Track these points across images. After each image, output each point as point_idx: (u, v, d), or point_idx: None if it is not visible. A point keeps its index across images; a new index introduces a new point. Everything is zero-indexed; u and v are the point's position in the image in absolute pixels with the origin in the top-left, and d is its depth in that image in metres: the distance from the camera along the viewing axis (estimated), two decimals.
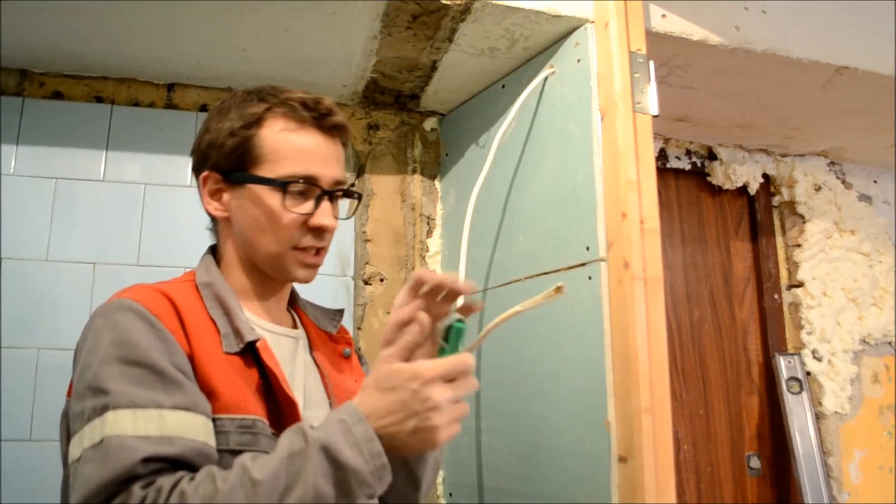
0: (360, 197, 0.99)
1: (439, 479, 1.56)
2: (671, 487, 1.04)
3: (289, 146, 0.86)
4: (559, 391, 1.22)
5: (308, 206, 0.87)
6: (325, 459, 0.67)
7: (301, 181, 0.86)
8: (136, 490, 0.66)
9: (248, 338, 0.83)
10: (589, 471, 1.12)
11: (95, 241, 1.45)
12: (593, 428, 1.13)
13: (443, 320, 0.80)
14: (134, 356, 0.72)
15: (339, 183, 0.90)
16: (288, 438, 0.70)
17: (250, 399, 0.80)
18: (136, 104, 1.55)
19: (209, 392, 0.77)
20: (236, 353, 0.82)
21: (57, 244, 1.43)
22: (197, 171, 0.92)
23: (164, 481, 0.66)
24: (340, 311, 1.05)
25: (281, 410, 0.82)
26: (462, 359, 0.73)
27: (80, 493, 0.66)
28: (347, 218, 0.98)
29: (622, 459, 1.07)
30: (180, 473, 0.68)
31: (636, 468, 1.04)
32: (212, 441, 0.74)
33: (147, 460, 0.67)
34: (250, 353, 0.84)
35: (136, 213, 1.49)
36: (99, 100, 1.53)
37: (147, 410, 0.70)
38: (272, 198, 0.86)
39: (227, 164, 0.88)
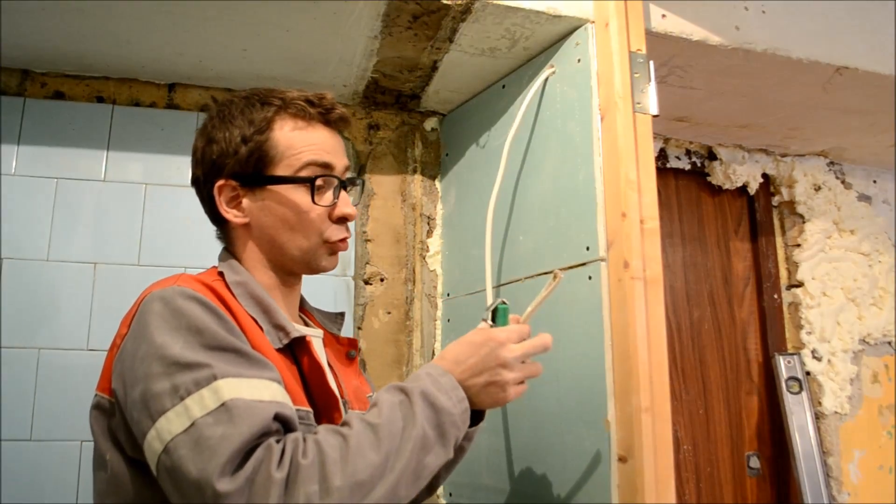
0: (363, 183, 1.02)
1: None
2: (671, 487, 1.04)
3: (302, 141, 0.90)
4: (559, 391, 1.22)
5: (329, 197, 0.91)
6: (426, 404, 0.76)
7: (321, 170, 0.89)
8: (273, 443, 0.68)
9: (294, 334, 0.85)
10: (589, 471, 1.12)
11: (96, 241, 1.45)
12: (593, 428, 1.13)
13: (490, 304, 0.93)
14: (216, 342, 0.74)
15: (348, 170, 0.95)
16: (387, 392, 0.78)
17: (300, 393, 0.82)
18: (138, 104, 1.55)
19: None
20: (279, 349, 0.84)
21: (58, 244, 1.43)
22: (206, 182, 0.91)
23: (295, 435, 0.70)
24: (342, 314, 1.09)
25: (317, 407, 0.85)
26: (523, 327, 0.89)
27: (220, 452, 0.65)
28: (356, 204, 1.00)
29: (622, 459, 1.07)
30: (299, 432, 0.72)
31: (636, 468, 1.04)
32: None
33: (275, 418, 0.70)
34: (289, 349, 0.86)
35: (137, 213, 1.49)
36: (100, 100, 1.53)
37: (252, 380, 0.72)
38: (298, 194, 0.89)
39: (243, 170, 0.89)
